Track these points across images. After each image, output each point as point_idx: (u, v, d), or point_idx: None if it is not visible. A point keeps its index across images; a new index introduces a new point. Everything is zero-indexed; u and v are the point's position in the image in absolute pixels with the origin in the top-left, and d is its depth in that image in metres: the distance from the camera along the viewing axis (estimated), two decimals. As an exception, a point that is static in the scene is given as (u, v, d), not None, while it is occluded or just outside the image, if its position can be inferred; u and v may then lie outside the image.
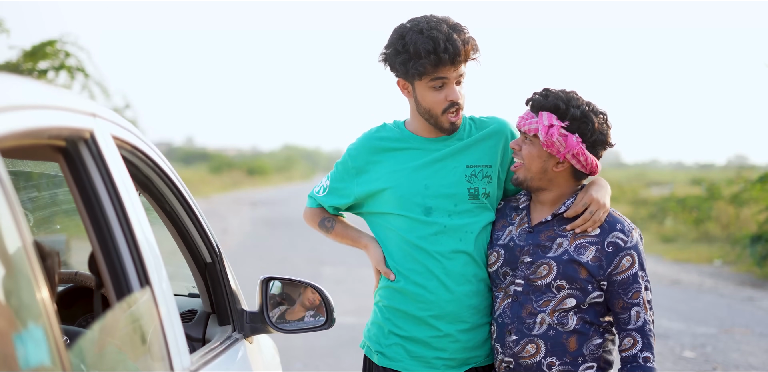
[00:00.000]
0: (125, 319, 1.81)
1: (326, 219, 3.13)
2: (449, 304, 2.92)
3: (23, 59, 13.25)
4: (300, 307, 2.83)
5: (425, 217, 2.93)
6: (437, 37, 2.81)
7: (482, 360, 2.99)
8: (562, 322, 2.85)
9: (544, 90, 2.89)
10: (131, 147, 2.17)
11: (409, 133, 3.00)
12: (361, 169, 3.02)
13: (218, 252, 2.70)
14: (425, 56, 2.80)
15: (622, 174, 40.37)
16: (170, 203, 2.53)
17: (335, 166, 3.10)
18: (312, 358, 7.17)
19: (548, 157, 2.85)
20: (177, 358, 1.96)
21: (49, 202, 3.43)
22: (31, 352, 1.32)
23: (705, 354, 7.59)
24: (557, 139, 2.80)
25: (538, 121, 2.82)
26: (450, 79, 2.86)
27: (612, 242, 2.84)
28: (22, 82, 1.72)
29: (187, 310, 2.85)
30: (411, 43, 2.82)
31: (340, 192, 3.06)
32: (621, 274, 2.83)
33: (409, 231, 2.94)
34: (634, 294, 2.83)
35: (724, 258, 14.41)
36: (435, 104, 2.88)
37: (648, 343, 2.85)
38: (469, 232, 2.94)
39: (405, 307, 2.96)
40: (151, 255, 1.95)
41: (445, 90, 2.87)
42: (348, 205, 3.07)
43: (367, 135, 3.07)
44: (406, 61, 2.84)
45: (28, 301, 1.37)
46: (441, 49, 2.80)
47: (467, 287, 2.93)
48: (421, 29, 2.83)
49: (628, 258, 2.83)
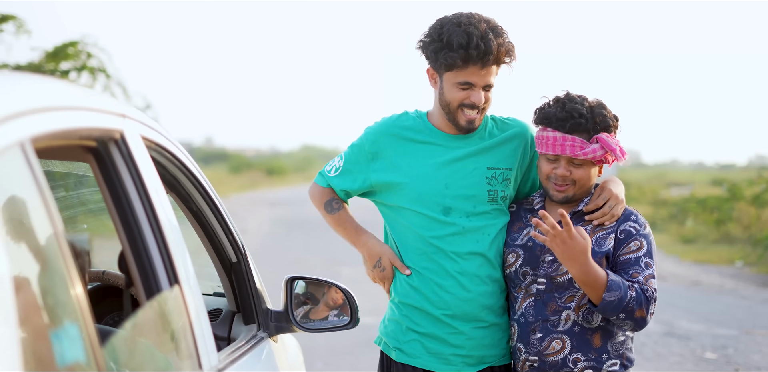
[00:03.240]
0: (155, 317, 1.83)
1: (334, 200, 3.10)
2: (465, 304, 2.94)
3: (45, 60, 13.34)
4: (324, 307, 2.85)
5: (444, 216, 2.94)
6: (472, 33, 2.81)
7: (498, 359, 3.00)
8: (587, 319, 2.86)
9: (569, 108, 2.84)
10: (159, 147, 2.19)
11: (432, 126, 3.00)
12: (377, 155, 3.00)
13: (243, 251, 2.72)
14: (456, 49, 2.81)
15: (642, 174, 40.19)
16: (197, 203, 2.55)
17: (350, 148, 3.06)
18: (332, 357, 7.20)
19: (596, 168, 2.90)
20: (205, 357, 1.98)
21: (75, 201, 3.46)
22: (67, 350, 1.34)
23: (726, 355, 7.56)
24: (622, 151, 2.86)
25: (602, 147, 2.82)
26: (477, 86, 2.85)
27: (625, 230, 2.87)
28: (53, 83, 1.74)
29: (213, 309, 2.87)
30: (446, 33, 2.83)
31: (353, 175, 3.03)
32: (625, 255, 2.84)
33: (426, 229, 2.95)
34: (634, 273, 2.81)
35: (745, 259, 14.33)
36: (454, 100, 2.88)
37: (645, 298, 2.76)
38: (486, 235, 2.95)
39: (421, 304, 2.97)
40: (180, 254, 1.97)
41: (470, 92, 2.87)
42: (360, 191, 3.06)
43: (389, 121, 3.04)
44: (437, 50, 2.85)
45: (64, 299, 1.39)
46: (473, 44, 2.80)
47: (483, 288, 2.95)
48: (460, 23, 2.84)
49: (636, 242, 2.85)
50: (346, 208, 3.11)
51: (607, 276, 2.72)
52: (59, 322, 1.36)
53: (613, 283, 2.72)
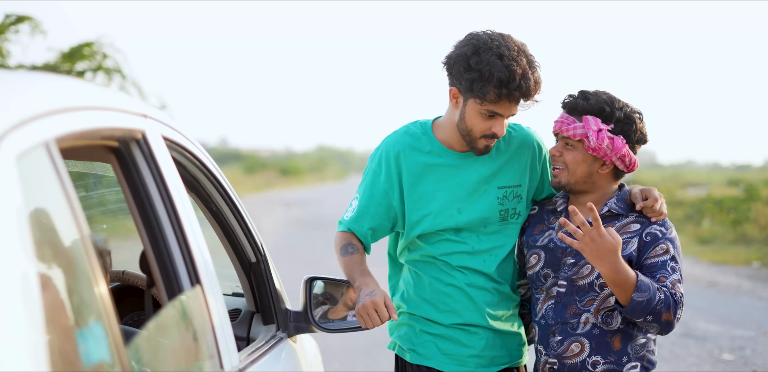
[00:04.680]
0: (177, 317, 1.83)
1: (350, 245, 2.93)
2: (474, 314, 2.95)
3: (61, 61, 13.39)
4: (343, 307, 2.84)
5: (453, 236, 2.93)
6: (515, 71, 2.70)
7: (509, 361, 3.01)
8: (606, 322, 2.84)
9: (581, 92, 2.86)
10: (180, 147, 2.19)
11: (439, 144, 2.94)
12: (392, 188, 2.93)
13: (263, 252, 2.72)
14: (497, 85, 2.71)
15: (658, 175, 40.03)
16: (216, 203, 2.55)
17: (361, 188, 2.97)
18: (348, 357, 7.21)
19: (593, 160, 2.84)
20: (226, 357, 1.98)
21: (93, 202, 3.47)
22: (93, 349, 1.34)
23: (744, 357, 7.52)
24: (606, 143, 2.79)
25: (584, 126, 2.79)
26: (504, 116, 2.81)
27: (650, 232, 2.83)
28: (76, 83, 1.74)
29: (232, 310, 2.87)
30: (486, 64, 2.72)
31: (371, 211, 2.94)
32: (651, 258, 2.80)
33: (435, 247, 2.94)
34: (661, 278, 2.77)
35: (763, 260, 14.25)
36: (477, 129, 2.82)
37: (674, 301, 2.71)
38: (494, 256, 2.95)
39: (430, 315, 2.98)
40: (201, 254, 1.97)
41: (494, 121, 2.80)
42: (386, 224, 2.95)
43: (398, 142, 2.95)
44: (474, 80, 2.74)
45: (89, 299, 1.40)
46: (514, 85, 2.71)
47: (489, 298, 2.96)
48: (501, 55, 2.72)
49: (662, 246, 2.81)
50: (361, 252, 2.94)
51: (637, 276, 2.69)
52: (85, 322, 1.36)
53: (642, 284, 2.67)
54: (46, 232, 1.36)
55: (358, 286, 2.76)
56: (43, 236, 1.33)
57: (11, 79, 1.56)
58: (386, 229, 2.98)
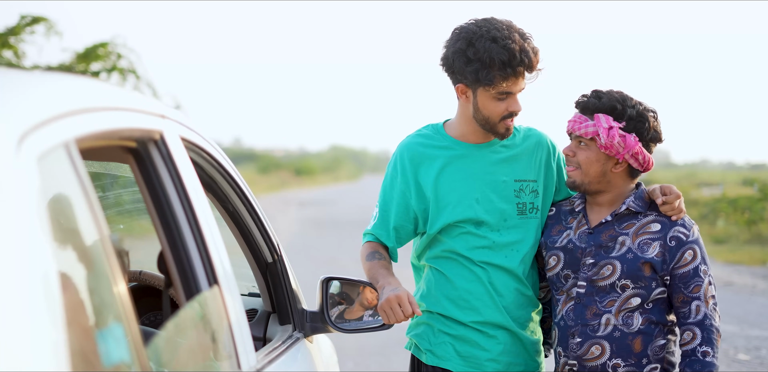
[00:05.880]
0: (195, 317, 1.83)
1: (377, 253, 2.94)
2: (495, 312, 2.94)
3: (76, 61, 13.46)
4: (359, 307, 2.84)
5: (475, 229, 2.93)
6: (512, 49, 2.74)
7: (522, 368, 3.00)
8: (627, 323, 2.83)
9: (594, 92, 2.86)
10: (197, 148, 2.20)
11: (453, 139, 2.96)
12: (408, 187, 2.95)
13: (279, 252, 2.73)
14: (500, 67, 2.75)
15: (672, 174, 39.88)
16: (233, 204, 2.56)
17: (382, 194, 3.01)
18: (363, 357, 7.22)
19: (606, 159, 2.83)
20: (244, 357, 1.99)
21: (110, 202, 3.48)
22: (112, 349, 1.35)
23: (760, 357, 7.49)
24: (617, 140, 2.78)
25: (595, 124, 2.79)
26: (515, 93, 2.83)
27: (674, 236, 2.82)
28: (95, 83, 1.75)
29: (248, 310, 2.87)
30: (484, 51, 2.75)
31: (396, 208, 2.96)
32: (683, 267, 2.81)
33: (456, 241, 2.94)
34: (695, 288, 2.81)
35: (778, 260, 14.19)
36: (495, 113, 2.85)
37: (708, 338, 2.80)
38: (516, 251, 2.95)
39: (450, 313, 2.96)
40: (219, 255, 1.97)
41: (508, 101, 2.83)
42: (412, 223, 2.97)
43: (408, 147, 2.98)
44: (478, 70, 2.77)
45: (108, 300, 1.40)
46: (517, 61, 2.75)
47: (510, 298, 2.95)
48: (494, 38, 2.76)
49: (690, 252, 2.82)
50: (387, 259, 2.94)
51: None
52: (104, 322, 1.37)
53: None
54: (66, 232, 1.36)
55: (381, 284, 2.77)
56: (64, 236, 1.34)
57: (31, 79, 1.56)
58: (409, 230, 2.99)
